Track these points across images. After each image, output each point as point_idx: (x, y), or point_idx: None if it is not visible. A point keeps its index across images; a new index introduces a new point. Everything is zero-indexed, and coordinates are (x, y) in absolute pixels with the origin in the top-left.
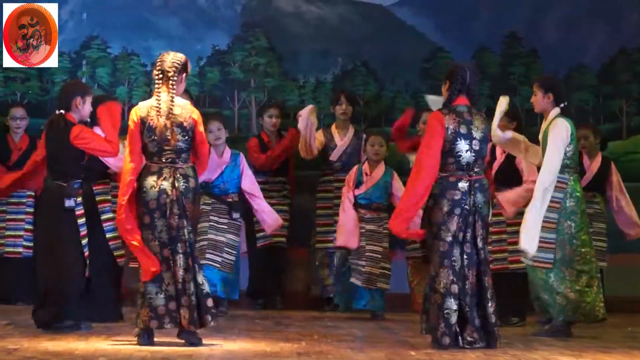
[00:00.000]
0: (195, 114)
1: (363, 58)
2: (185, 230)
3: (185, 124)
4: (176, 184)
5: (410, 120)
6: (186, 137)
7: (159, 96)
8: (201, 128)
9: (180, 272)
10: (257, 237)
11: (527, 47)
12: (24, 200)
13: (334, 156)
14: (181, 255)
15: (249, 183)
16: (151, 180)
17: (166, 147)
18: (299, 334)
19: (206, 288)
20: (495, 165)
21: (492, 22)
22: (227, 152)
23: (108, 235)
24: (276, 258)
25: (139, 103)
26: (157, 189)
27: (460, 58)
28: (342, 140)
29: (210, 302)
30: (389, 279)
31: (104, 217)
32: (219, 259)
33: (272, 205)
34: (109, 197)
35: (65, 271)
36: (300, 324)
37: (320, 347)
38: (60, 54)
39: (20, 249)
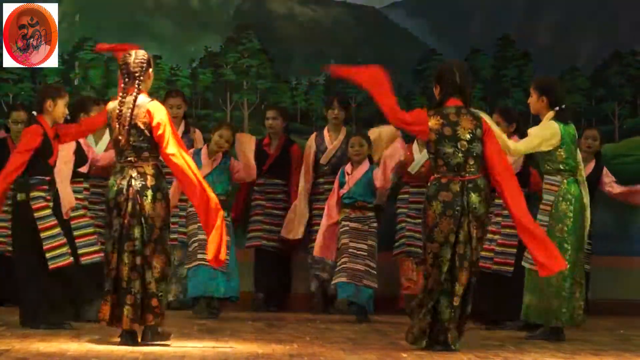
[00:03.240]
0: (152, 108)
1: (356, 60)
2: (136, 229)
3: (139, 124)
4: (132, 183)
5: None
6: (142, 137)
7: (123, 99)
8: (157, 122)
9: (126, 271)
10: (248, 237)
11: (520, 50)
12: None
13: (323, 159)
14: (127, 254)
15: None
16: (113, 180)
17: (123, 148)
18: (291, 335)
19: (153, 288)
20: None
21: (485, 24)
22: (219, 155)
23: (75, 233)
24: (278, 260)
25: (109, 102)
26: (116, 187)
27: None
28: (332, 143)
29: (155, 302)
30: (375, 277)
31: (72, 214)
32: None
33: (267, 208)
34: (80, 196)
35: (18, 267)
36: (293, 325)
37: (312, 348)
38: None
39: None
